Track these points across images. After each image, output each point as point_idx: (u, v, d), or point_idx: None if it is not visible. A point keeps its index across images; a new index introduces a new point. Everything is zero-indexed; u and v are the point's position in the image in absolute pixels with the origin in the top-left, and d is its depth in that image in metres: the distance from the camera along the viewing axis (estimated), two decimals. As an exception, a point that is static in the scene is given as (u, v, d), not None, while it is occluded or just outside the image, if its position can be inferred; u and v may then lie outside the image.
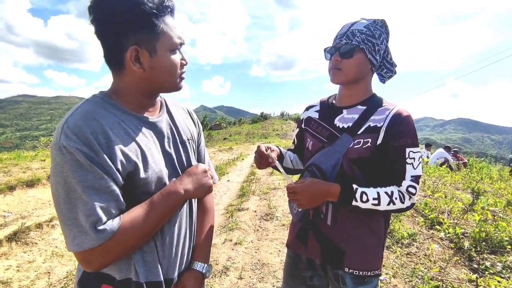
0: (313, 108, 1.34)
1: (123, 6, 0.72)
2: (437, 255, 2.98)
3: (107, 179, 0.71)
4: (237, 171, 8.34)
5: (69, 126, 0.69)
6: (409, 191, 1.04)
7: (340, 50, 1.10)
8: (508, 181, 7.19)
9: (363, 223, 1.12)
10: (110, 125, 0.75)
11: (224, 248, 3.22)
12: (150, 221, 0.77)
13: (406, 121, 1.05)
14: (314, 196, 1.04)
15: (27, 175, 5.45)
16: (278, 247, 3.26)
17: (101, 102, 0.79)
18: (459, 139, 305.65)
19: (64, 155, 0.67)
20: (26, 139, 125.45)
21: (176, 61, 0.83)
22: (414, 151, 1.04)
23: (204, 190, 0.91)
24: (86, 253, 0.69)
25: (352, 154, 1.08)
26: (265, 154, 1.17)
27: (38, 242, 3.39)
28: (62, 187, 0.68)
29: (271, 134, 31.95)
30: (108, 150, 0.72)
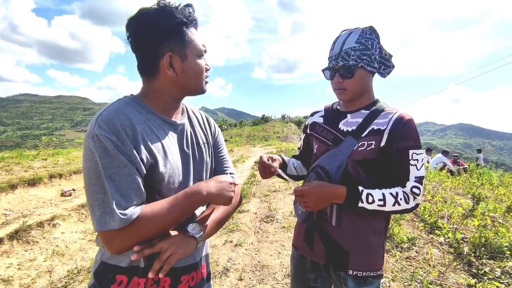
0: (318, 113, 1.38)
1: (157, 20, 0.85)
2: (436, 259, 2.99)
3: (131, 167, 0.78)
4: (238, 173, 8.36)
5: (102, 118, 0.79)
6: (414, 192, 1.07)
7: (340, 72, 1.14)
8: (509, 187, 7.20)
9: (366, 223, 1.15)
10: (137, 121, 0.84)
11: (224, 249, 3.24)
12: (170, 215, 0.82)
13: (408, 124, 1.09)
14: (321, 198, 1.07)
15: (28, 174, 5.47)
16: (278, 249, 3.28)
17: (130, 102, 0.89)
18: (460, 144, 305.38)
19: (95, 142, 0.76)
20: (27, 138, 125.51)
21: (202, 65, 0.94)
22: (417, 153, 1.08)
23: (224, 199, 0.93)
24: (108, 234, 0.75)
25: (357, 156, 1.11)
26: (268, 164, 1.19)
27: (39, 241, 3.40)
28: (93, 171, 0.76)
29: (272, 137, 31.97)
30: (134, 142, 0.80)
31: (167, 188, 0.88)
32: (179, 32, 0.88)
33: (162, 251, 0.82)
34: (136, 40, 0.89)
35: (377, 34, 1.15)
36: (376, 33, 1.15)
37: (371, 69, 1.14)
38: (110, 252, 0.80)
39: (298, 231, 1.33)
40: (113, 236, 0.76)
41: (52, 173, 5.67)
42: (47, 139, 11.74)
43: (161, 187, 0.87)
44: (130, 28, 0.88)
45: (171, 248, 0.83)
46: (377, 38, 1.15)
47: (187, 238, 0.88)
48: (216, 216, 1.00)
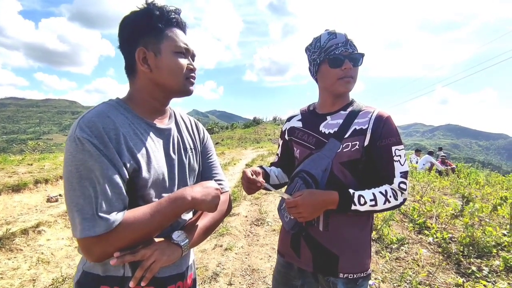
0: (295, 118, 1.36)
1: (134, 18, 0.87)
2: (425, 259, 3.01)
3: (113, 171, 0.76)
4: (229, 176, 8.31)
5: (84, 121, 0.77)
6: (401, 187, 1.08)
7: (351, 58, 1.13)
8: (495, 186, 7.34)
9: (352, 223, 1.14)
10: (121, 124, 0.82)
11: (214, 254, 3.20)
12: (153, 221, 0.79)
13: (388, 122, 1.11)
14: (315, 207, 1.06)
15: (13, 180, 5.33)
16: (268, 253, 3.26)
17: (115, 105, 0.87)
18: (448, 144, 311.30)
19: (77, 145, 0.74)
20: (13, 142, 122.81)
21: (180, 62, 0.90)
22: (399, 148, 1.10)
23: (209, 206, 0.91)
24: (88, 240, 0.72)
25: (343, 158, 1.11)
26: (253, 179, 1.16)
27: (23, 249, 3.30)
28: (73, 175, 0.73)
29: (264, 139, 31.99)
30: (117, 145, 0.79)
31: (151, 193, 0.86)
32: (153, 28, 0.87)
33: (145, 258, 0.79)
34: (119, 41, 0.90)
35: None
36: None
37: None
38: (90, 260, 0.78)
39: (284, 237, 1.31)
40: (93, 243, 0.73)
41: (37, 179, 5.53)
42: (33, 144, 11.47)
43: (144, 193, 0.85)
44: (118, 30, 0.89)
45: (154, 255, 0.80)
46: None
47: (171, 246, 0.85)
48: (203, 223, 0.97)
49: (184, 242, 0.88)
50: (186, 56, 0.93)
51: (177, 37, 0.90)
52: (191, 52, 0.94)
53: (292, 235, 1.24)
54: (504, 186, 7.28)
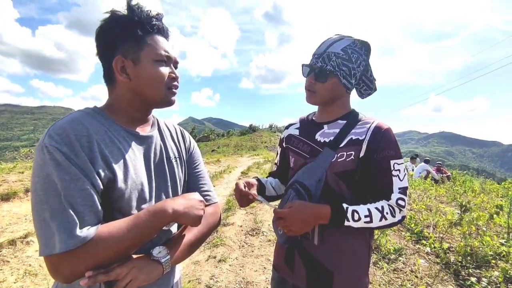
0: (293, 126, 1.33)
1: (112, 24, 0.81)
2: (423, 270, 2.95)
3: (85, 181, 0.70)
4: (224, 184, 8.23)
5: (55, 128, 0.72)
6: (399, 204, 1.03)
7: (315, 72, 1.11)
8: (490, 193, 7.35)
9: (350, 238, 1.08)
10: (96, 131, 0.77)
11: (207, 266, 3.11)
12: (129, 235, 0.72)
13: (387, 134, 1.05)
14: (304, 221, 1.01)
15: (2, 188, 5.20)
16: (263, 264, 3.18)
17: (91, 112, 0.82)
18: (443, 152, 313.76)
19: (44, 154, 0.68)
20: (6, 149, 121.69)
21: (161, 72, 0.85)
22: (398, 162, 1.04)
23: (191, 219, 0.84)
24: (54, 258, 0.66)
25: (337, 168, 1.06)
26: (245, 192, 1.12)
27: (10, 260, 3.19)
28: (40, 186, 0.68)
29: (260, 146, 31.96)
30: (89, 153, 0.73)
31: (128, 205, 0.79)
32: (132, 35, 0.82)
33: (120, 278, 0.72)
34: (96, 48, 0.85)
35: (367, 51, 1.12)
36: (367, 49, 1.12)
37: (345, 83, 1.10)
38: (58, 281, 0.70)
39: (278, 251, 1.25)
40: (61, 261, 0.66)
41: (28, 187, 5.41)
42: (25, 151, 11.30)
43: (121, 205, 0.78)
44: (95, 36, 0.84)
45: (130, 274, 0.73)
46: (366, 55, 1.12)
47: (151, 263, 0.78)
48: (188, 238, 0.90)
49: (165, 258, 0.81)
50: (167, 64, 0.88)
51: (157, 44, 0.85)
52: (173, 59, 0.90)
53: (286, 249, 1.18)
54: (499, 194, 7.29)
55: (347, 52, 1.08)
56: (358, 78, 1.14)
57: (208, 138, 40.88)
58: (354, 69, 1.09)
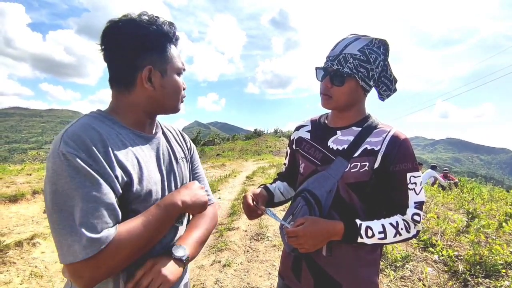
0: (304, 128, 1.26)
1: (139, 31, 0.81)
2: (431, 279, 2.90)
3: (105, 187, 0.70)
4: (229, 188, 8.22)
5: (68, 135, 0.71)
6: (414, 219, 0.99)
7: (331, 76, 1.04)
8: (499, 201, 7.22)
9: (359, 250, 1.05)
10: (108, 136, 0.77)
11: (212, 270, 3.09)
12: (147, 232, 0.75)
13: (404, 145, 1.00)
14: (317, 238, 0.97)
15: (10, 190, 5.27)
16: (268, 270, 3.15)
17: (99, 116, 0.82)
18: (449, 158, 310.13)
19: (62, 162, 0.67)
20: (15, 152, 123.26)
21: (181, 83, 0.90)
22: (415, 175, 0.99)
23: (199, 205, 0.89)
24: (77, 265, 0.66)
25: (349, 179, 1.02)
26: (253, 206, 1.10)
27: (17, 262, 3.21)
28: (58, 195, 0.67)
29: (264, 151, 31.93)
30: (106, 158, 0.73)
31: (143, 206, 0.80)
32: (162, 46, 0.85)
33: (153, 282, 0.74)
34: (113, 49, 0.83)
35: (385, 50, 1.06)
36: (386, 49, 1.06)
37: (364, 85, 1.04)
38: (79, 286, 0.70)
39: (285, 259, 1.22)
40: (84, 267, 0.66)
41: (35, 189, 5.46)
42: (33, 153, 11.44)
43: (136, 206, 0.79)
44: (108, 36, 0.82)
45: (160, 277, 0.75)
46: (384, 55, 1.06)
47: (174, 263, 0.81)
48: (197, 235, 0.93)
49: (186, 256, 0.83)
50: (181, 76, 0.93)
51: (178, 57, 0.89)
52: (184, 69, 0.94)
53: (294, 257, 1.15)
54: (509, 202, 7.15)
55: (365, 53, 1.01)
56: (377, 79, 1.08)
57: (213, 142, 41.01)
58: (372, 70, 1.03)
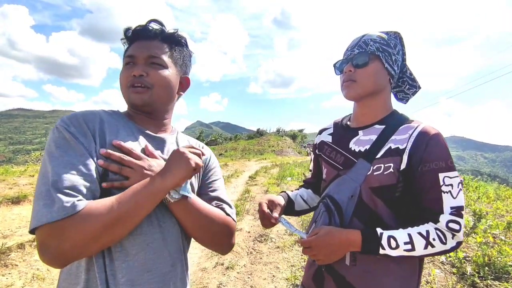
0: (326, 131, 1.18)
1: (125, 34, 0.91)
2: (439, 281, 2.84)
3: (88, 159, 0.71)
4: (232, 188, 8.18)
5: (69, 115, 0.77)
6: (451, 228, 0.84)
7: (353, 60, 0.97)
8: (505, 200, 7.12)
9: (389, 261, 0.91)
10: (109, 124, 0.80)
11: (214, 273, 3.05)
12: (120, 206, 0.68)
13: (434, 140, 0.88)
14: (332, 249, 0.89)
15: (13, 191, 5.26)
16: (272, 272, 3.10)
17: (109, 111, 0.86)
18: (453, 156, 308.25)
19: (54, 133, 0.73)
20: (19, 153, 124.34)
21: (123, 74, 0.87)
22: (450, 176, 0.86)
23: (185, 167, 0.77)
24: (43, 230, 0.63)
25: (373, 182, 0.92)
26: (268, 214, 1.02)
27: (19, 264, 3.18)
28: (44, 163, 0.70)
29: (267, 150, 31.89)
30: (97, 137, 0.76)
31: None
32: (125, 46, 0.91)
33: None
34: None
35: (402, 43, 1.00)
36: (402, 42, 1.00)
37: (388, 67, 0.96)
38: (47, 263, 0.65)
39: (308, 268, 1.11)
40: (47, 234, 0.63)
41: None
42: (37, 155, 11.48)
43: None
44: None
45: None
46: (402, 46, 1.00)
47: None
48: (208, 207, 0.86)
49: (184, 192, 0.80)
50: (135, 64, 0.86)
51: (128, 50, 0.89)
52: (140, 57, 0.85)
53: (316, 267, 1.05)
54: (516, 201, 7.05)
55: (384, 39, 0.96)
56: (399, 70, 1.01)
57: (215, 142, 41.05)
58: (394, 54, 0.96)
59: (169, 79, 0.87)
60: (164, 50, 0.88)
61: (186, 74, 0.98)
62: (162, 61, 0.86)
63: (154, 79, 0.84)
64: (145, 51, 0.85)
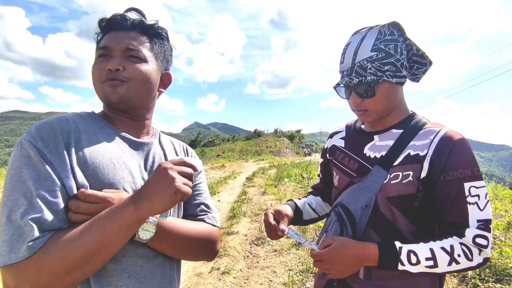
0: (338, 134, 1.11)
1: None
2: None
3: (54, 182, 0.61)
4: (229, 190, 8.10)
5: (37, 125, 0.66)
6: (478, 243, 0.77)
7: (356, 90, 0.88)
8: (503, 200, 7.09)
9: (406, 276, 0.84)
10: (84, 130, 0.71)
11: (210, 278, 2.96)
12: (82, 243, 0.58)
13: (459, 146, 0.81)
14: (345, 264, 0.82)
15: (5, 196, 5.15)
16: (269, 276, 3.02)
17: (83, 114, 0.77)
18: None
19: (17, 149, 0.62)
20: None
21: (95, 67, 0.77)
22: (476, 186, 0.79)
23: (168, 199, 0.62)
24: (3, 269, 0.57)
25: (390, 192, 0.86)
26: (274, 226, 0.96)
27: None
28: (5, 187, 0.60)
29: (265, 151, 31.85)
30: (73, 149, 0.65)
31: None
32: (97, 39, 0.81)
33: None
34: None
35: (400, 30, 0.88)
36: (399, 30, 0.87)
37: (398, 80, 0.86)
38: None
39: (318, 280, 1.05)
40: (8, 272, 0.56)
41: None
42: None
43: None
44: None
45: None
46: (401, 36, 0.88)
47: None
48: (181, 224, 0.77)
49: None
50: (111, 57, 0.76)
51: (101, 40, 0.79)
52: (117, 49, 0.76)
53: (327, 280, 0.99)
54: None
55: (381, 49, 0.84)
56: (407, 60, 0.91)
57: (213, 143, 40.96)
58: (399, 60, 0.86)
59: (148, 74, 0.78)
60: (143, 42, 0.79)
61: (167, 70, 0.90)
62: (141, 54, 0.77)
63: (132, 74, 0.75)
64: (122, 43, 0.76)
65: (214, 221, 0.88)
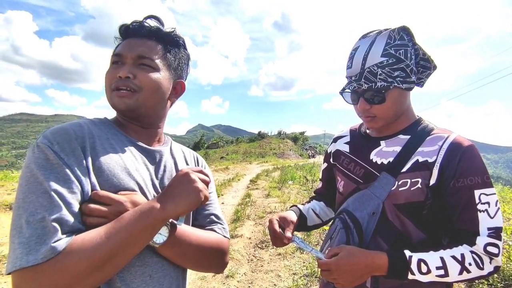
0: (342, 139, 1.09)
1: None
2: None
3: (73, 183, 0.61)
4: (232, 192, 8.10)
5: (52, 129, 0.67)
6: (489, 252, 0.76)
7: (365, 96, 0.87)
8: (510, 203, 6.99)
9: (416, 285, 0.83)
10: (97, 136, 0.71)
11: (214, 282, 2.95)
12: (109, 243, 0.59)
13: (469, 153, 0.80)
14: (353, 274, 0.80)
15: (11, 198, 5.19)
16: (273, 280, 3.01)
17: (96, 120, 0.78)
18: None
19: (34, 153, 0.62)
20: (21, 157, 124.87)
21: (107, 75, 0.78)
22: (487, 193, 0.78)
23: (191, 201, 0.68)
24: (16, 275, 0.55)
25: (398, 199, 0.84)
26: (279, 234, 0.94)
27: (14, 274, 3.12)
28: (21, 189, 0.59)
29: (269, 153, 31.83)
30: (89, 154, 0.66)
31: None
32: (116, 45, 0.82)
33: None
34: None
35: (410, 36, 0.86)
36: (409, 34, 0.86)
37: (407, 86, 0.84)
38: None
39: (324, 285, 1.04)
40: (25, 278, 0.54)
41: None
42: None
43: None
44: None
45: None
46: (411, 41, 0.86)
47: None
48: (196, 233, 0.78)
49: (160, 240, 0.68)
50: (123, 64, 0.77)
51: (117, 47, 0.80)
52: (128, 57, 0.77)
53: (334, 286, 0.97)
54: (522, 203, 6.92)
55: (391, 54, 0.82)
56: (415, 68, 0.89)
57: (217, 145, 41.06)
58: (409, 66, 0.84)
59: (159, 82, 0.78)
60: (157, 50, 0.80)
61: (181, 78, 0.89)
62: (153, 63, 0.78)
63: (142, 82, 0.76)
64: (134, 51, 0.77)
65: (224, 232, 0.87)
